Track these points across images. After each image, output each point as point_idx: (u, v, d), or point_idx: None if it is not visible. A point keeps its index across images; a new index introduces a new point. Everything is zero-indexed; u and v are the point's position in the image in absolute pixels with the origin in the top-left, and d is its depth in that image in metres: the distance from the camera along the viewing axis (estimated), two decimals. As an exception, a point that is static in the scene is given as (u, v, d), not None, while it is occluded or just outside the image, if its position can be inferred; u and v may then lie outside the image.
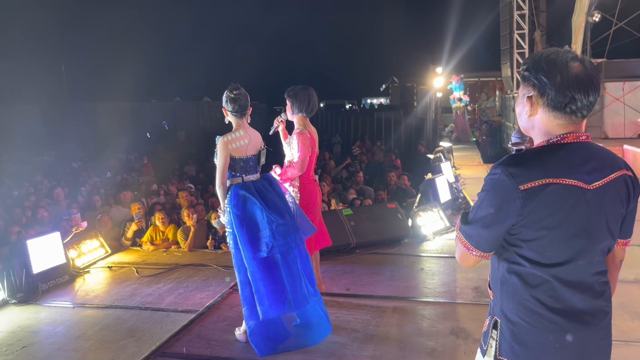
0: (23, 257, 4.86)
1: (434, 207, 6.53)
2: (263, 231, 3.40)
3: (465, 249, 1.64)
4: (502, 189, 1.53)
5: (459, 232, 1.66)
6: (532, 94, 1.60)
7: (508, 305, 1.62)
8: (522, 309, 1.59)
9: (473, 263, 1.68)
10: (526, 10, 14.11)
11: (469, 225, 1.62)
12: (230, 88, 3.54)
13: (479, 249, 1.62)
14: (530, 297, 1.58)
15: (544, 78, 1.55)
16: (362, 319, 3.97)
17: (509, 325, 1.62)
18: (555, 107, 1.56)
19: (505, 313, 1.63)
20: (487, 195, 1.57)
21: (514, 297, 1.61)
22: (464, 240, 1.64)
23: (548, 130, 1.60)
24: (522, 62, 1.69)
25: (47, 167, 14.55)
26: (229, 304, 4.41)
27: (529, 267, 1.57)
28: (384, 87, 41.63)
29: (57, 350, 3.74)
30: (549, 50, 1.59)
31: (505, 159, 1.59)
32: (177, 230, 6.44)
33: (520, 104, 1.66)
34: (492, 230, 1.57)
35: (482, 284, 4.57)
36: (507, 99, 16.24)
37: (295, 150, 4.09)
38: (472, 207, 1.64)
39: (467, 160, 12.96)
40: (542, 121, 1.60)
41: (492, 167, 1.59)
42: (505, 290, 1.64)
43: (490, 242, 1.60)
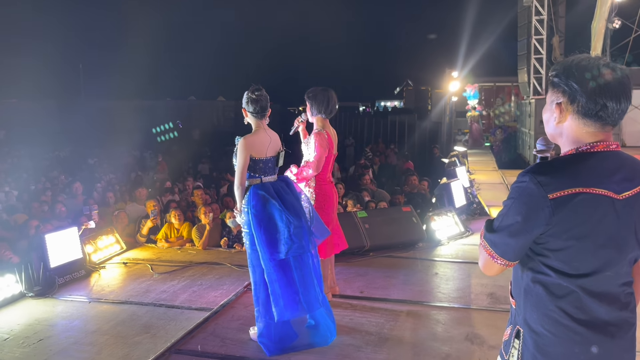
0: (41, 251, 4.92)
1: (448, 212, 6.51)
2: (281, 232, 3.41)
3: (490, 257, 1.62)
4: (530, 197, 1.51)
5: (484, 240, 1.64)
6: (562, 100, 1.57)
7: (532, 315, 1.60)
8: (547, 319, 1.56)
9: (497, 272, 1.65)
10: (545, 16, 13.98)
11: (494, 233, 1.60)
12: (251, 89, 3.55)
13: (504, 258, 1.59)
14: (555, 307, 1.55)
15: (575, 84, 1.52)
16: (376, 322, 3.97)
17: (533, 335, 1.59)
18: (585, 114, 1.53)
19: (528, 323, 1.61)
20: (514, 203, 1.55)
21: (539, 307, 1.58)
22: (489, 248, 1.61)
23: (577, 138, 1.57)
24: (551, 68, 1.66)
25: (64, 162, 14.73)
26: (243, 303, 4.42)
27: (555, 277, 1.54)
28: (398, 90, 41.57)
29: (73, 344, 3.78)
30: (580, 57, 1.56)
31: (533, 166, 1.56)
32: (191, 228, 6.47)
33: (548, 111, 1.64)
34: (518, 239, 1.55)
35: (497, 290, 4.54)
36: (523, 105, 16.11)
37: (311, 150, 4.10)
38: (497, 215, 1.62)
39: (481, 166, 12.90)
40: (571, 128, 1.57)
41: (520, 175, 1.56)
42: (529, 299, 1.61)
43: (516, 251, 1.58)
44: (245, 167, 3.50)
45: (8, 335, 3.94)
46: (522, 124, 16.54)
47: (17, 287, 4.67)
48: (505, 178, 10.93)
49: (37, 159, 14.61)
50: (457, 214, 6.61)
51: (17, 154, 15.89)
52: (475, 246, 5.98)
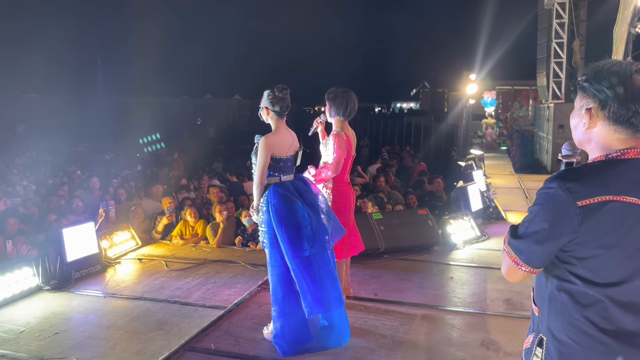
0: (58, 245, 4.96)
1: (465, 216, 6.45)
2: (304, 230, 3.41)
3: (514, 264, 1.58)
4: (557, 204, 1.48)
5: (508, 246, 1.61)
6: (592, 106, 1.53)
7: (556, 324, 1.56)
8: (572, 328, 1.53)
9: (520, 278, 1.62)
10: (566, 19, 13.82)
11: (519, 239, 1.56)
12: (278, 88, 3.54)
13: (528, 265, 1.56)
14: (581, 316, 1.52)
15: (607, 90, 1.49)
16: (391, 325, 3.94)
17: (557, 344, 1.56)
18: (617, 120, 1.50)
19: (552, 331, 1.57)
20: (540, 209, 1.52)
21: (563, 316, 1.55)
22: (513, 254, 1.58)
23: (607, 145, 1.53)
24: (581, 73, 1.62)
25: (81, 157, 14.89)
26: (257, 302, 4.42)
27: (582, 285, 1.51)
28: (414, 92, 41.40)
29: (88, 338, 3.80)
30: (611, 61, 1.53)
31: (562, 172, 1.53)
32: (206, 226, 6.49)
33: (577, 116, 1.60)
34: (545, 246, 1.52)
35: (513, 296, 4.48)
36: (541, 109, 15.93)
37: (330, 152, 4.08)
38: (522, 221, 1.59)
39: (498, 169, 12.79)
40: (600, 135, 1.54)
41: (547, 181, 1.53)
42: (553, 307, 1.58)
43: (542, 258, 1.55)
44: (266, 166, 3.49)
45: (24, 328, 3.98)
46: (539, 128, 16.36)
47: (34, 280, 4.72)
48: (522, 182, 10.82)
49: (56, 153, 14.81)
50: (473, 218, 6.55)
51: (36, 147, 16.13)
52: (491, 251, 5.92)
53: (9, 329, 3.97)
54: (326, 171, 4.08)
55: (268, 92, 3.56)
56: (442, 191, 8.38)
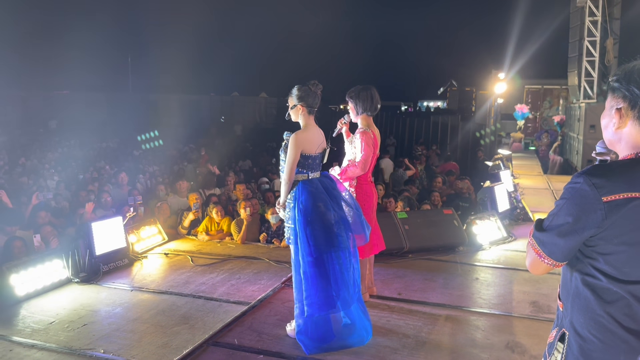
0: (87, 239, 5.07)
1: (491, 216, 6.36)
2: (327, 228, 3.42)
3: (537, 256, 1.61)
4: (582, 198, 1.49)
5: (532, 238, 1.63)
6: (622, 105, 1.54)
7: (578, 319, 1.57)
8: (594, 324, 1.54)
9: (543, 271, 1.65)
10: (599, 17, 13.49)
11: (543, 232, 1.58)
12: (312, 83, 3.56)
13: (551, 257, 1.58)
14: (604, 312, 1.52)
15: (636, 90, 1.49)
16: (414, 325, 3.91)
17: (578, 339, 1.57)
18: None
19: (574, 326, 1.58)
20: (566, 203, 1.53)
21: (586, 312, 1.56)
22: (537, 247, 1.61)
23: (636, 144, 1.54)
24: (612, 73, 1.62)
25: (110, 153, 15.18)
26: (281, 299, 4.44)
27: (605, 281, 1.52)
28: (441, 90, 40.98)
29: (115, 330, 3.88)
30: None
31: (589, 168, 1.54)
32: (231, 222, 6.55)
33: (607, 116, 1.61)
34: (568, 239, 1.53)
35: (540, 299, 4.41)
36: (572, 109, 15.61)
37: (357, 150, 4.07)
38: (548, 214, 1.60)
39: (526, 170, 12.57)
40: (630, 134, 1.54)
41: (574, 176, 1.55)
42: (576, 303, 1.59)
43: (564, 251, 1.56)
44: (296, 162, 3.51)
45: (54, 319, 4.08)
46: (570, 128, 16.03)
47: (64, 273, 4.84)
48: (550, 183, 10.62)
49: (86, 149, 15.12)
50: (500, 219, 6.46)
51: (67, 143, 16.49)
52: (518, 252, 5.83)
53: (39, 319, 4.08)
54: (354, 169, 4.08)
55: (299, 87, 3.57)
56: (470, 191, 8.27)
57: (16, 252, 4.94)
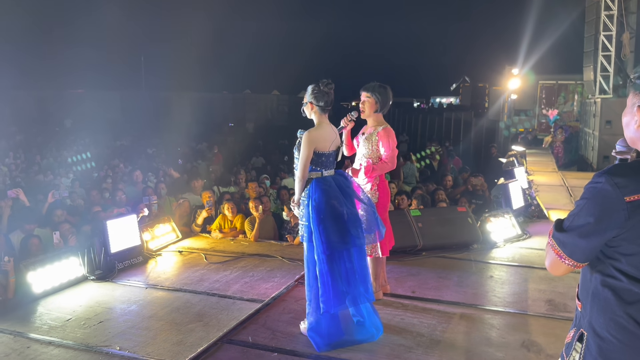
0: (103, 237, 5.12)
1: (505, 214, 6.31)
2: (340, 226, 3.42)
3: (557, 257, 1.59)
4: (605, 198, 1.47)
5: (552, 239, 1.61)
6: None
7: (598, 320, 1.56)
8: (614, 325, 1.52)
9: (564, 272, 1.63)
10: (615, 11, 13.27)
11: (564, 232, 1.57)
12: (323, 82, 3.56)
13: (572, 258, 1.57)
14: (624, 313, 1.51)
15: None
16: (428, 324, 3.90)
17: (597, 340, 1.55)
18: None
19: (593, 327, 1.57)
20: (587, 203, 1.52)
21: (606, 312, 1.54)
22: (557, 247, 1.59)
23: None
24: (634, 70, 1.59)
25: (124, 151, 15.30)
26: (294, 297, 4.45)
27: (627, 282, 1.50)
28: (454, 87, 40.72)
29: (131, 327, 3.91)
30: None
31: (610, 167, 1.52)
32: (244, 220, 6.57)
33: (628, 114, 1.60)
34: (589, 240, 1.51)
35: (555, 297, 4.37)
36: (588, 104, 15.41)
37: (383, 146, 4.11)
38: (568, 214, 1.59)
39: (540, 166, 12.43)
40: None
41: (595, 175, 1.53)
42: (596, 303, 1.57)
43: (586, 252, 1.54)
44: (309, 160, 3.51)
45: (70, 316, 4.12)
46: (585, 124, 15.83)
47: (80, 270, 4.89)
48: (565, 180, 10.50)
49: (101, 147, 15.25)
50: (515, 216, 6.40)
51: (82, 142, 16.64)
52: (533, 250, 5.78)
53: (56, 316, 4.13)
54: (384, 165, 4.11)
55: (313, 87, 3.58)
56: (484, 188, 8.21)
57: (33, 249, 5.01)
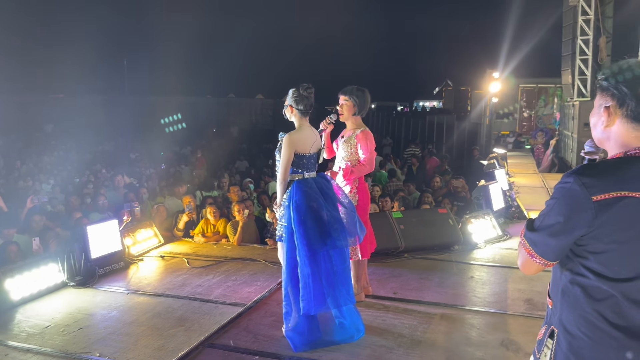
0: (83, 242, 5.07)
1: (486, 215, 6.39)
2: (321, 228, 3.45)
3: (529, 256, 1.62)
4: (573, 198, 1.50)
5: (524, 239, 1.64)
6: (611, 104, 1.56)
7: (568, 317, 1.59)
8: (583, 321, 1.56)
9: (535, 271, 1.66)
10: (592, 16, 13.52)
11: (534, 232, 1.60)
12: (303, 87, 3.61)
13: (543, 257, 1.59)
14: (592, 310, 1.54)
15: (625, 88, 1.51)
16: (409, 324, 3.93)
17: (567, 336, 1.59)
18: (635, 118, 1.52)
19: (564, 324, 1.60)
20: (556, 203, 1.55)
21: (575, 309, 1.57)
22: (529, 247, 1.62)
23: (625, 142, 1.55)
24: (600, 72, 1.63)
25: (107, 156, 15.16)
26: (277, 300, 4.44)
27: (595, 280, 1.53)
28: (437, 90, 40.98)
29: (111, 333, 3.88)
30: (631, 61, 1.55)
31: (578, 168, 1.55)
32: (227, 224, 6.56)
33: (596, 115, 1.63)
34: (559, 239, 1.54)
35: (534, 296, 4.43)
36: (566, 107, 15.66)
37: (361, 149, 4.15)
38: (539, 214, 1.61)
39: (521, 168, 12.61)
40: (619, 132, 1.56)
41: (564, 175, 1.56)
42: (566, 300, 1.61)
43: (556, 251, 1.57)
44: (290, 162, 3.55)
45: (49, 323, 4.08)
46: (564, 126, 16.08)
47: (59, 277, 4.84)
48: (545, 181, 10.65)
49: (83, 152, 15.09)
50: (495, 217, 6.49)
51: (64, 147, 16.46)
52: (513, 250, 5.86)
53: (35, 323, 4.08)
54: (362, 167, 4.14)
55: (293, 91, 3.63)
56: (465, 190, 8.29)
57: (12, 256, 4.95)
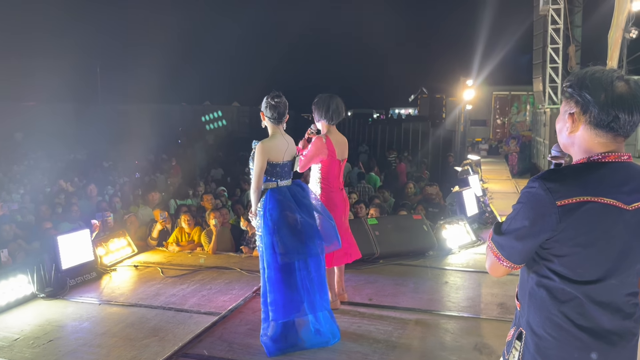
0: (53, 253, 4.97)
1: (460, 221, 6.46)
2: (296, 236, 3.45)
3: (496, 259, 1.65)
4: (538, 202, 1.53)
5: (491, 242, 1.67)
6: (575, 110, 1.59)
7: (534, 318, 1.63)
8: (549, 323, 1.59)
9: (502, 273, 1.69)
10: (561, 25, 13.86)
11: (501, 236, 1.63)
12: (271, 95, 3.61)
13: (509, 260, 1.63)
14: (558, 312, 1.58)
15: (588, 95, 1.54)
16: (385, 330, 3.94)
17: (534, 337, 1.62)
18: (597, 125, 1.55)
19: (531, 325, 1.64)
20: (522, 207, 1.58)
21: (541, 311, 1.61)
22: (496, 250, 1.65)
23: (589, 148, 1.59)
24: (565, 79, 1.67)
25: (79, 165, 14.90)
26: (252, 308, 4.43)
27: (559, 282, 1.57)
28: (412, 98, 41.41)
29: (82, 345, 3.80)
30: (595, 68, 1.59)
31: (544, 173, 1.59)
32: (202, 233, 6.50)
33: (561, 120, 1.66)
34: (525, 243, 1.57)
35: (507, 300, 4.49)
36: (538, 114, 15.98)
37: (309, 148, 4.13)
38: (506, 218, 1.65)
39: (495, 174, 12.80)
40: (583, 138, 1.59)
41: (530, 180, 1.59)
42: (533, 302, 1.64)
43: (522, 254, 1.61)
44: (262, 171, 3.54)
45: (18, 336, 3.98)
46: (536, 133, 16.40)
47: (29, 288, 4.73)
48: (518, 187, 10.83)
49: (53, 161, 14.81)
50: (469, 223, 6.57)
51: (34, 156, 16.12)
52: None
53: (3, 336, 3.98)
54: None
55: (265, 98, 3.63)
56: (439, 197, 8.38)
57: (-21, 268, 4.82)
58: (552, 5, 13.79)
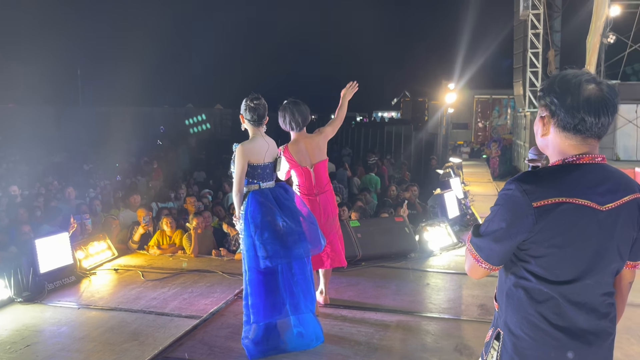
0: (31, 256, 4.89)
1: (441, 223, 6.51)
2: (278, 238, 3.43)
3: (475, 261, 1.67)
4: (515, 204, 1.55)
5: (470, 244, 1.69)
6: (545, 114, 1.63)
7: (512, 319, 1.65)
8: (526, 323, 1.61)
9: (481, 275, 1.71)
10: (540, 30, 14.10)
11: (480, 237, 1.65)
12: (250, 97, 3.60)
13: (488, 262, 1.64)
14: (535, 312, 1.60)
15: (555, 99, 1.57)
16: (366, 332, 3.95)
17: (512, 338, 1.64)
18: (564, 127, 1.58)
19: (508, 326, 1.66)
20: (499, 209, 1.60)
21: (519, 311, 1.63)
22: (474, 252, 1.67)
23: (562, 150, 1.62)
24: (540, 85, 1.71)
25: (59, 168, 14.69)
26: (233, 311, 4.40)
27: (536, 282, 1.59)
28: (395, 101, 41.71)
29: (61, 350, 3.75)
30: (567, 72, 1.61)
31: (520, 175, 1.61)
32: (183, 236, 6.45)
33: (536, 124, 1.70)
34: (502, 244, 1.59)
35: (487, 302, 4.54)
36: (519, 117, 16.19)
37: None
38: (484, 220, 1.66)
39: (476, 177, 12.92)
40: (555, 141, 1.62)
41: (507, 183, 1.62)
42: (510, 303, 1.66)
43: (500, 255, 1.62)
44: (244, 173, 3.52)
45: (-5, 341, 3.91)
46: (517, 136, 16.61)
47: (5, 292, 4.65)
48: (499, 190, 10.94)
49: (33, 163, 14.58)
50: (450, 225, 6.62)
51: (13, 158, 15.86)
52: (467, 257, 5.98)
53: (-21, 342, 3.90)
54: None
55: (244, 100, 3.62)
56: (413, 200, 8.41)
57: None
58: (532, 10, 14.01)
